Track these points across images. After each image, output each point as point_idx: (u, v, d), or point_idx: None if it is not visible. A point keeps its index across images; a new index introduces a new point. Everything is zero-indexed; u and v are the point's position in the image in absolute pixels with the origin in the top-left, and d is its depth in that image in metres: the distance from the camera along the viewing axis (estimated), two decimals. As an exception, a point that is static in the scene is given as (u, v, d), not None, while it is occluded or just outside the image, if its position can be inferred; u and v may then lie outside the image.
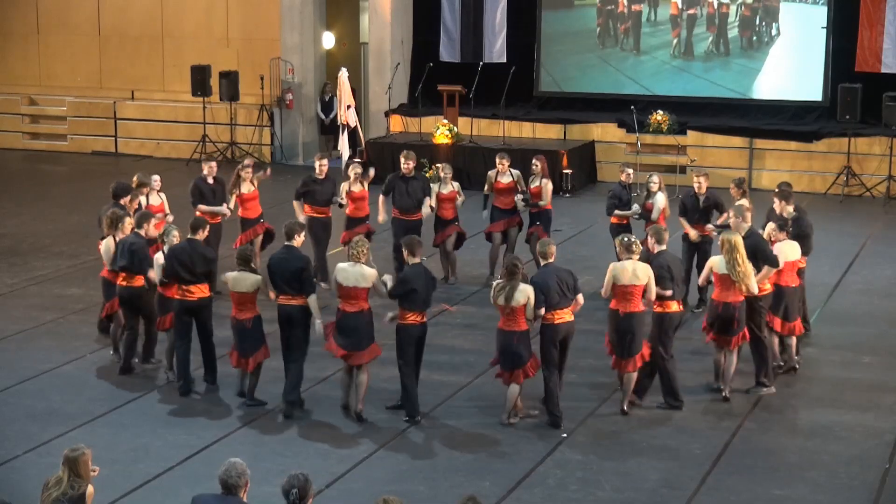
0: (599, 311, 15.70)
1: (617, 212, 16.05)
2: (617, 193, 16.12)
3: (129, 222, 13.67)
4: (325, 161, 16.66)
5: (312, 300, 12.32)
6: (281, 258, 12.48)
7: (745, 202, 14.16)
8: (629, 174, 16.22)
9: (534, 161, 16.91)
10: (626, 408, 12.40)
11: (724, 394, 12.79)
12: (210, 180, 16.30)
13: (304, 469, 7.84)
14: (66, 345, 14.49)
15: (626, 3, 25.13)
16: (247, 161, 17.03)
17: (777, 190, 14.44)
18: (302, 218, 16.02)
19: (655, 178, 15.91)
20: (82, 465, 8.10)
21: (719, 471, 11.17)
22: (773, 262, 12.87)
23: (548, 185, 16.67)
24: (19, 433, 11.87)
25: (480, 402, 12.68)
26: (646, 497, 10.66)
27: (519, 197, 16.73)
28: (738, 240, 12.51)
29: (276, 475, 8.81)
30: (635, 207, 15.97)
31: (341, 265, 12.21)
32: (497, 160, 16.88)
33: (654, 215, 15.56)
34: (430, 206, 16.64)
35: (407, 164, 16.69)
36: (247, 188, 16.48)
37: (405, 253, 12.36)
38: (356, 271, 12.11)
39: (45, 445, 11.53)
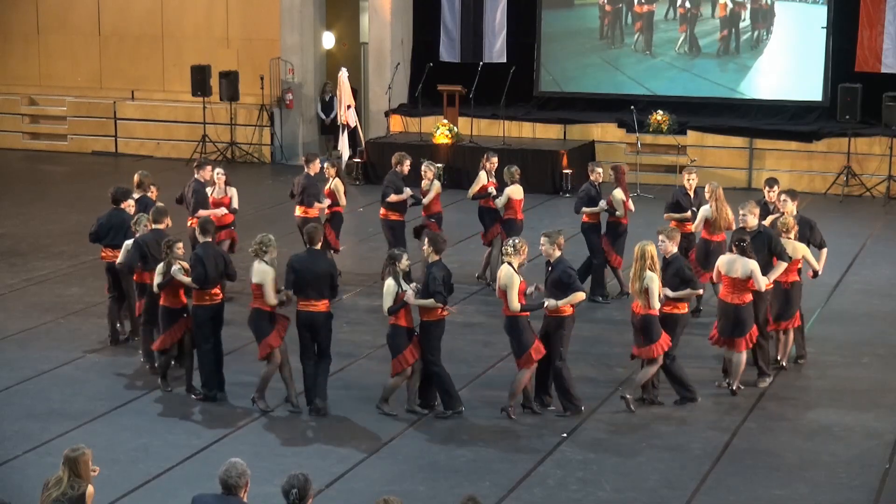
0: (597, 312, 15.74)
1: (585, 209, 16.09)
2: (587, 192, 16.09)
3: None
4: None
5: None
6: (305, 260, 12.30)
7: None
8: (599, 173, 16.27)
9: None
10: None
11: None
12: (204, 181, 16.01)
13: (304, 469, 7.85)
14: (66, 345, 14.49)
15: (631, 3, 25.10)
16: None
17: (776, 189, 14.54)
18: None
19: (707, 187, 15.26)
20: (82, 465, 8.11)
21: (719, 471, 11.17)
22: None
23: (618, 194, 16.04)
24: (19, 433, 11.87)
25: (480, 402, 12.68)
26: (646, 497, 10.66)
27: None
28: (652, 249, 12.23)
29: (276, 475, 8.81)
30: (602, 203, 15.94)
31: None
32: (492, 160, 16.87)
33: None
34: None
35: (405, 165, 16.79)
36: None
37: (432, 250, 12.21)
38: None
39: (45, 445, 11.53)
